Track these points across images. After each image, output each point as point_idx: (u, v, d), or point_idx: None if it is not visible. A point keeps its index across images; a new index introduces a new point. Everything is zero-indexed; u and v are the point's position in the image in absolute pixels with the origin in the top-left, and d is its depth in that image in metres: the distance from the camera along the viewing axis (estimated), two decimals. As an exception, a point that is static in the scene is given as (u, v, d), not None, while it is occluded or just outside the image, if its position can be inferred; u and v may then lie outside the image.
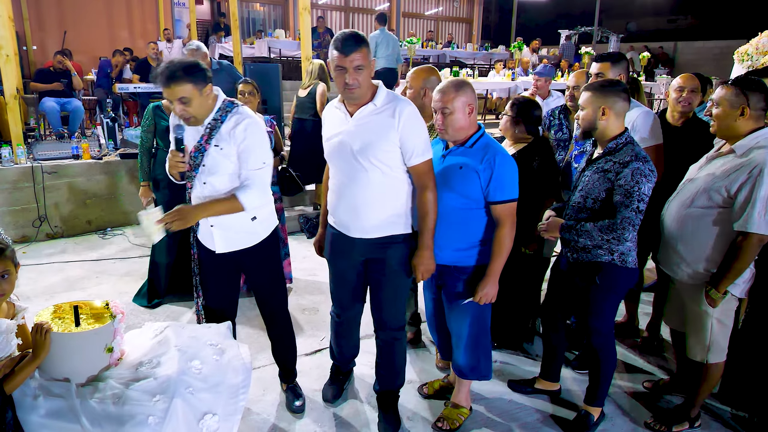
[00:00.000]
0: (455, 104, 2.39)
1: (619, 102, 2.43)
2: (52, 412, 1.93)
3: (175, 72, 2.22)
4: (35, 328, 2.00)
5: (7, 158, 5.37)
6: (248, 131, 2.37)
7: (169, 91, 2.26)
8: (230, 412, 2.15)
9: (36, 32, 11.20)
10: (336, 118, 2.42)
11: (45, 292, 4.29)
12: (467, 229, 2.48)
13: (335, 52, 2.21)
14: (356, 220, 2.43)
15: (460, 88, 2.40)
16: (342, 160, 2.39)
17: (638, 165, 2.33)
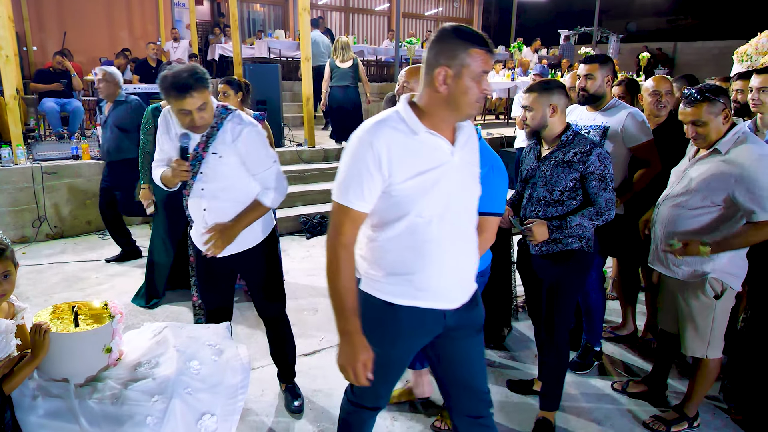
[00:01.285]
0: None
1: (563, 98, 2.52)
2: (51, 412, 1.93)
3: (193, 79, 2.22)
4: (34, 329, 2.01)
5: (7, 159, 5.37)
6: (248, 140, 2.39)
7: (188, 101, 2.22)
8: (229, 412, 2.15)
9: (36, 33, 11.20)
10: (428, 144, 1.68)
11: (44, 293, 4.30)
12: None
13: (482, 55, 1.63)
14: (463, 283, 1.82)
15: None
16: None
17: (600, 150, 2.49)
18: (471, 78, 1.60)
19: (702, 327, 2.57)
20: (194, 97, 2.23)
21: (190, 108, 2.25)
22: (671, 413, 2.80)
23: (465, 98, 1.61)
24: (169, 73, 2.24)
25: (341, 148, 7.57)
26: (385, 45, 14.30)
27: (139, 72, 8.68)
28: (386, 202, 1.66)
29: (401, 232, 1.68)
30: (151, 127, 3.89)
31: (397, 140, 1.63)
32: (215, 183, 2.41)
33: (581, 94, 3.14)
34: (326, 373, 3.23)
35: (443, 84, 1.60)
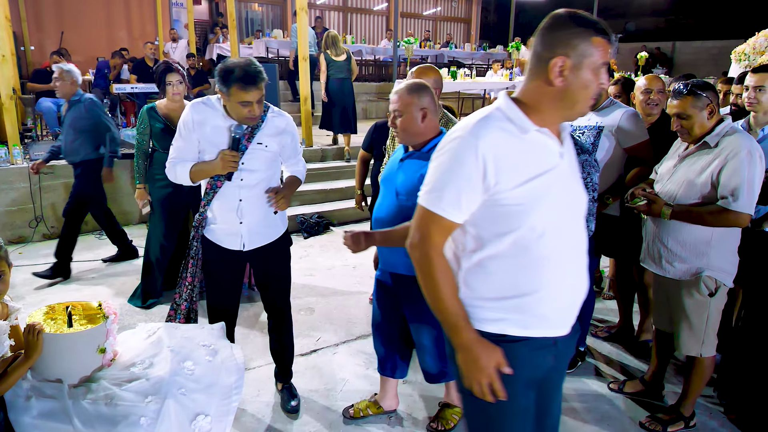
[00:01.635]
0: (409, 108, 2.28)
1: None
2: (45, 413, 1.93)
3: (258, 72, 2.32)
4: (27, 329, 2.00)
5: (4, 158, 5.37)
6: (292, 130, 2.66)
7: (254, 93, 2.32)
8: (223, 412, 2.15)
9: (34, 33, 11.19)
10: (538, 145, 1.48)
11: (40, 293, 4.29)
12: None
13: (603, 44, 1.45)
14: (577, 304, 1.59)
15: (415, 92, 2.29)
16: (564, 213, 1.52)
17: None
18: (591, 70, 1.41)
19: (696, 325, 2.57)
20: (259, 89, 2.34)
21: (252, 100, 2.33)
22: (667, 413, 2.80)
23: (583, 93, 1.43)
24: (236, 64, 2.32)
25: (339, 147, 7.58)
26: (384, 44, 14.30)
27: (137, 72, 8.67)
28: (490, 214, 1.44)
29: (509, 248, 1.45)
30: (147, 127, 3.88)
31: (505, 141, 1.42)
32: (255, 173, 2.51)
33: None
34: (322, 373, 3.23)
35: (559, 76, 1.41)
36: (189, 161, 2.52)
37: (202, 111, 2.49)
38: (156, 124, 3.86)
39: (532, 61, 1.49)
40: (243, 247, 2.59)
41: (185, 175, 2.52)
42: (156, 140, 3.90)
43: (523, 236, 1.44)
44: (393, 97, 2.34)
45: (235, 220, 2.54)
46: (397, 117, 2.31)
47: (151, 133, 3.89)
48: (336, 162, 7.38)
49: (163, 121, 3.86)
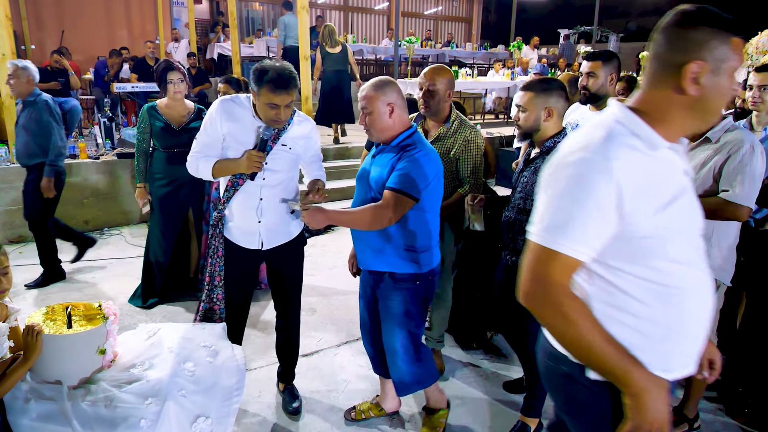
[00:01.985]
0: (375, 104, 2.29)
1: (561, 101, 2.37)
2: (44, 415, 1.91)
3: (292, 78, 2.34)
4: (26, 330, 1.98)
5: (4, 157, 5.35)
6: (316, 135, 2.73)
7: (283, 97, 2.33)
8: (223, 414, 2.13)
9: (34, 32, 11.18)
10: (669, 163, 1.29)
11: (40, 293, 4.27)
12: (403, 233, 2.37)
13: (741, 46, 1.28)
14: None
15: (380, 88, 2.30)
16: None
17: None
18: (729, 75, 1.23)
19: None
20: (289, 94, 2.35)
21: (281, 104, 2.34)
22: (672, 416, 2.77)
23: (719, 101, 1.24)
24: (272, 66, 2.34)
25: (339, 147, 7.56)
26: (385, 44, 14.28)
27: (138, 71, 8.65)
28: (623, 247, 1.24)
29: (646, 283, 1.26)
30: (147, 126, 3.86)
31: (638, 162, 1.21)
32: (277, 174, 2.54)
33: (582, 93, 3.02)
34: (324, 374, 3.21)
35: (694, 84, 1.22)
36: (213, 157, 2.52)
37: (231, 108, 2.50)
38: (156, 123, 3.84)
39: (653, 65, 1.28)
40: (261, 246, 2.60)
41: (208, 170, 2.51)
42: (156, 139, 3.89)
43: (662, 268, 1.26)
44: (360, 95, 2.34)
45: (254, 218, 2.55)
46: (366, 114, 2.33)
47: (151, 132, 3.88)
48: (338, 161, 7.36)
49: (163, 120, 3.84)
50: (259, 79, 2.33)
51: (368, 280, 2.57)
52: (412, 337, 2.48)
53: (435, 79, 2.76)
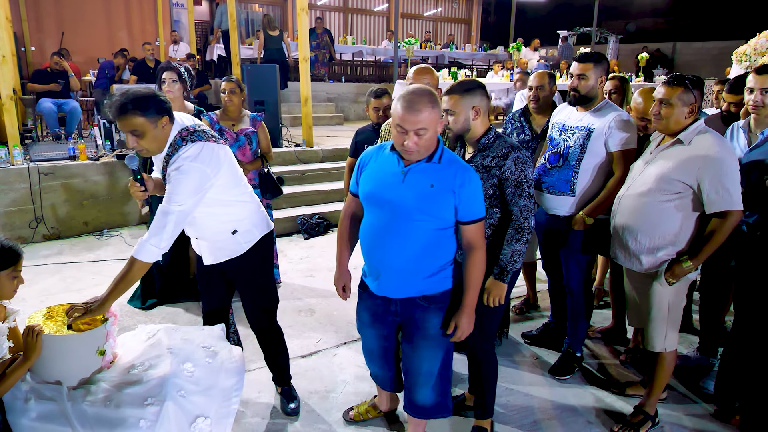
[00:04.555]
0: (431, 119, 2.01)
1: (485, 100, 2.40)
2: (43, 415, 1.92)
3: (126, 104, 2.14)
4: (26, 331, 2.00)
5: (4, 159, 5.36)
6: (176, 174, 2.22)
7: (121, 123, 2.17)
8: (223, 415, 2.14)
9: (34, 33, 11.19)
10: None
11: (41, 294, 4.28)
12: (438, 252, 2.18)
13: None
14: None
15: (434, 101, 2.02)
16: None
17: (517, 154, 2.34)
18: None
19: (659, 319, 2.63)
20: (126, 121, 2.17)
21: (123, 130, 2.21)
22: (636, 416, 2.80)
23: None
24: (123, 91, 2.21)
25: (340, 148, 7.57)
26: (384, 45, 14.30)
27: (137, 72, 8.66)
28: None
29: None
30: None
31: None
32: None
33: (572, 95, 3.00)
34: (322, 375, 3.22)
35: None
36: None
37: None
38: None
39: None
40: (204, 260, 2.59)
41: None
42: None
43: None
44: (404, 110, 2.01)
45: (192, 234, 2.53)
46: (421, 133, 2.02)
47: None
48: (336, 163, 7.37)
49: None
50: (108, 111, 2.21)
51: (387, 308, 2.30)
52: (448, 358, 2.35)
53: (420, 80, 2.76)
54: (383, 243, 2.17)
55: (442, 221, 2.13)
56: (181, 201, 2.20)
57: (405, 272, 2.18)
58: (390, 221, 2.14)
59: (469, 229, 2.16)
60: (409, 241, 2.13)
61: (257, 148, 4.05)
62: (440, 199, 2.09)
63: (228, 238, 2.48)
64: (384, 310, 2.31)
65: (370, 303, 2.36)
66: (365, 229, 2.25)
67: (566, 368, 3.24)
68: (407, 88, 2.08)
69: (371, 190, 2.19)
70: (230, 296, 2.80)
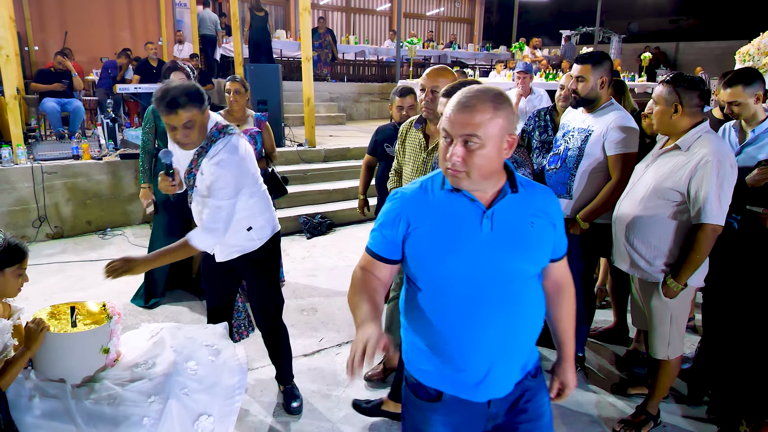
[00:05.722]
0: (492, 127, 1.39)
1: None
2: (47, 412, 1.93)
3: (181, 98, 2.21)
4: (33, 321, 2.01)
5: (8, 158, 5.38)
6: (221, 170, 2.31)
7: (173, 117, 2.23)
8: (226, 413, 2.15)
9: (38, 33, 11.20)
10: None
11: (44, 292, 4.30)
12: (541, 308, 1.61)
13: None
14: None
15: (502, 107, 1.41)
16: None
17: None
18: None
19: (662, 328, 2.58)
20: (177, 114, 2.23)
21: (175, 124, 2.25)
22: (638, 416, 2.80)
23: None
24: (164, 87, 2.25)
25: (342, 148, 7.59)
26: (387, 45, 14.31)
27: (140, 72, 8.68)
28: None
29: None
30: (152, 127, 3.89)
31: None
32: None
33: (573, 97, 2.96)
34: (325, 374, 3.23)
35: None
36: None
37: None
38: (161, 124, 3.86)
39: None
40: (215, 257, 2.59)
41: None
42: (161, 140, 3.91)
43: None
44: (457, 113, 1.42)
45: None
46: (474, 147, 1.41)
47: (156, 133, 3.90)
48: (339, 162, 7.38)
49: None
50: (155, 99, 2.26)
51: (484, 414, 1.59)
52: None
53: (438, 81, 2.59)
54: (482, 327, 1.48)
55: (541, 265, 1.58)
56: (228, 194, 2.32)
57: (516, 354, 1.56)
58: (483, 293, 1.47)
59: (561, 266, 1.66)
60: (516, 308, 1.50)
61: (262, 148, 4.06)
62: (542, 238, 1.53)
63: (242, 234, 2.52)
64: (478, 418, 1.60)
65: (455, 417, 1.58)
66: (437, 315, 1.52)
67: None
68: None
69: (441, 259, 1.47)
70: (235, 294, 2.84)
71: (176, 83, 2.29)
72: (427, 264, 1.50)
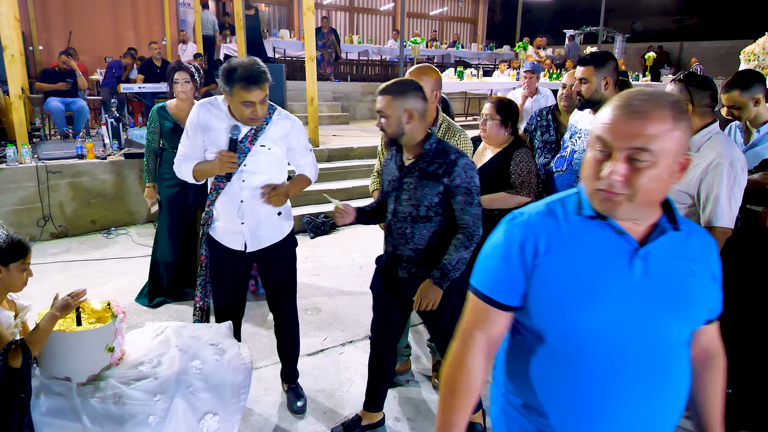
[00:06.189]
0: (667, 144, 1.09)
1: (420, 102, 2.23)
2: (53, 410, 1.94)
3: (262, 73, 2.30)
4: (72, 293, 2.08)
5: (12, 158, 5.39)
6: (299, 133, 2.64)
7: (256, 93, 2.30)
8: (231, 412, 2.15)
9: (42, 32, 11.24)
10: None
11: (49, 291, 4.27)
12: (688, 388, 1.28)
13: None
14: None
15: (680, 114, 1.12)
16: None
17: (466, 160, 2.22)
18: None
19: None
20: (262, 89, 2.32)
21: (255, 100, 2.32)
22: None
23: None
24: (240, 64, 2.31)
25: (346, 147, 7.59)
26: (390, 45, 14.31)
27: (144, 71, 8.69)
28: None
29: None
30: (157, 126, 3.89)
31: None
32: (257, 175, 2.49)
33: (577, 99, 2.92)
34: (328, 373, 3.23)
35: None
36: (194, 160, 2.54)
37: (207, 111, 2.50)
38: (166, 123, 3.87)
39: None
40: (245, 248, 2.59)
41: (189, 173, 2.55)
42: (166, 139, 3.91)
43: None
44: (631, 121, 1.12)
45: (236, 220, 2.54)
46: (644, 165, 1.11)
47: (161, 132, 3.91)
48: (342, 162, 7.38)
49: (173, 120, 3.87)
50: (229, 78, 2.29)
51: None
52: None
53: (420, 79, 2.56)
54: (620, 400, 1.18)
55: (696, 326, 1.26)
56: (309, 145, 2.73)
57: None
58: (625, 355, 1.17)
59: (714, 330, 1.34)
60: (663, 380, 1.20)
61: None
62: (703, 292, 1.23)
63: (274, 219, 2.60)
64: None
65: None
66: (564, 378, 1.21)
67: None
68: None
69: (581, 307, 1.16)
70: (246, 292, 2.84)
71: (249, 60, 2.34)
72: (562, 311, 1.17)
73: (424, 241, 2.29)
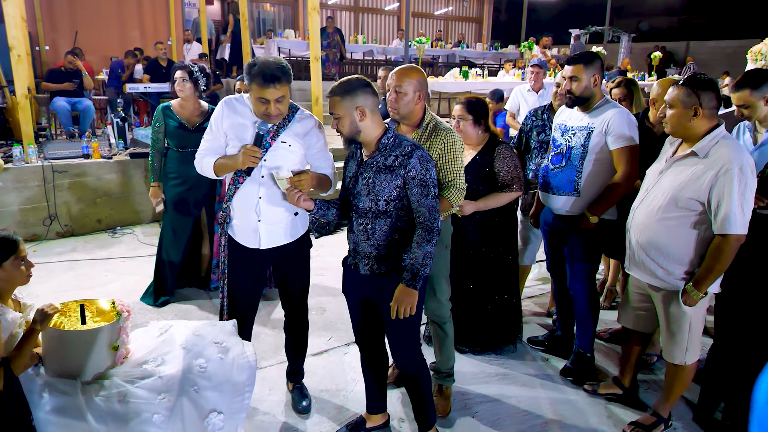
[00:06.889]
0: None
1: (370, 98, 2.22)
2: (58, 408, 1.94)
3: (280, 72, 2.31)
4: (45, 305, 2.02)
5: (18, 157, 5.41)
6: (319, 134, 2.62)
7: (272, 91, 2.31)
8: (235, 410, 2.15)
9: (48, 32, 11.30)
10: None
11: (54, 290, 4.32)
12: None
13: None
14: None
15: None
16: None
17: (421, 152, 2.21)
18: None
19: (680, 335, 2.53)
20: (278, 89, 2.33)
21: (269, 98, 2.33)
22: (648, 417, 2.77)
23: None
24: (260, 60, 2.34)
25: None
26: (395, 44, 14.31)
27: (150, 71, 8.72)
28: None
29: None
30: (161, 125, 3.90)
31: None
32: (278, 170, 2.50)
33: (567, 97, 2.97)
34: (333, 373, 3.23)
35: None
36: (215, 154, 2.56)
37: (232, 107, 2.53)
38: (171, 123, 3.88)
39: None
40: (260, 245, 2.59)
41: (210, 167, 2.55)
42: (170, 139, 3.92)
43: None
44: None
45: (253, 217, 2.55)
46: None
47: (165, 132, 3.92)
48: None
49: (177, 119, 3.88)
50: (248, 73, 2.33)
51: None
52: None
53: (403, 80, 2.58)
54: None
55: None
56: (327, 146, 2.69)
57: None
58: None
59: None
60: None
61: None
62: None
63: (290, 219, 2.61)
64: None
65: None
66: None
67: (578, 369, 3.20)
68: None
69: None
70: (261, 291, 2.86)
71: (273, 59, 2.36)
72: None
73: (384, 236, 2.28)
